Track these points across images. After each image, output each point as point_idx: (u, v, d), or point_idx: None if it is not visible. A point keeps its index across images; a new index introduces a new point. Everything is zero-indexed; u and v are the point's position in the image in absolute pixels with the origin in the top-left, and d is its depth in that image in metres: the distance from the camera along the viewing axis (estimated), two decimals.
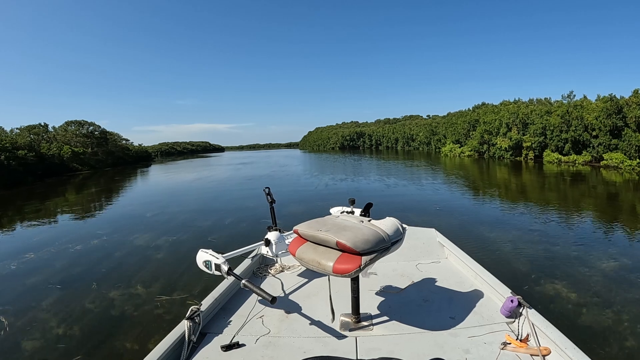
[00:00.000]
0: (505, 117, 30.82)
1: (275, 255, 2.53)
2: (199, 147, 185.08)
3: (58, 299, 5.04)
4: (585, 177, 17.78)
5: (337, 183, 17.72)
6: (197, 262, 2.07)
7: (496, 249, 6.32)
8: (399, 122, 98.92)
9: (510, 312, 1.81)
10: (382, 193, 13.76)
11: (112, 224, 10.21)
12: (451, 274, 2.47)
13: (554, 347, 1.53)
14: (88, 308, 4.67)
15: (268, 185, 2.91)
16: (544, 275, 5.01)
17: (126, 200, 16.50)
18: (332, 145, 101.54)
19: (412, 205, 10.98)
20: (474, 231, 7.57)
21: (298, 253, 1.77)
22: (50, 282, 5.65)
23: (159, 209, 12.09)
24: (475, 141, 34.82)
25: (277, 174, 24.48)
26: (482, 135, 33.34)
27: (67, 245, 7.81)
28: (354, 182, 18.36)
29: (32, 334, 4.07)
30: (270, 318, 1.98)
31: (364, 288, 2.12)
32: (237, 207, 11.75)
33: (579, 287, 4.62)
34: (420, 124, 71.55)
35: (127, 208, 13.57)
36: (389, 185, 16.24)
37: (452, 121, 47.29)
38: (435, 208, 10.35)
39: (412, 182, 17.11)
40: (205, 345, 1.72)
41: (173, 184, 22.99)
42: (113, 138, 56.84)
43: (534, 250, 6.22)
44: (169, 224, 9.57)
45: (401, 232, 1.80)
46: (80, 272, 6.09)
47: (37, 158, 35.56)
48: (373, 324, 1.87)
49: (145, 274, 5.82)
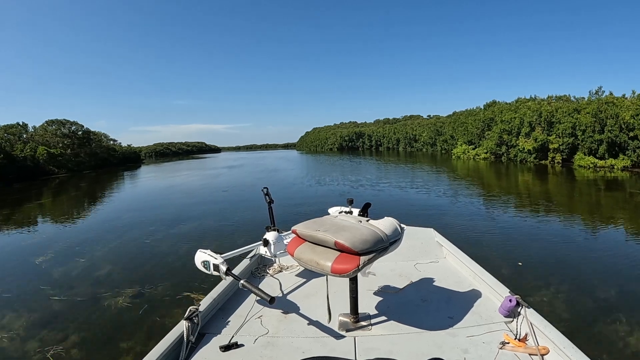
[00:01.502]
0: (528, 115, 27.14)
1: (274, 256, 2.51)
2: (194, 148, 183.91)
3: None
4: (626, 186, 14.99)
5: (340, 195, 14.33)
6: (195, 262, 2.06)
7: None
8: (399, 122, 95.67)
9: (509, 311, 1.80)
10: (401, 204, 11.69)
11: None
12: (450, 274, 2.46)
13: (553, 347, 1.52)
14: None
15: (255, 191, 2.46)
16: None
17: (46, 228, 11.03)
18: (330, 146, 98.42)
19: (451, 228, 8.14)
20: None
21: (296, 253, 1.75)
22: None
23: (61, 247, 8.05)
24: (491, 142, 31.19)
25: (262, 182, 18.60)
26: (500, 135, 29.77)
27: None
28: (361, 189, 15.84)
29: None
30: (268, 318, 1.97)
31: (362, 288, 2.07)
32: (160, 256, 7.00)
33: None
34: (422, 123, 68.36)
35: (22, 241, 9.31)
36: (409, 199, 12.84)
37: (460, 120, 44.10)
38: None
39: (444, 195, 13.38)
40: (203, 346, 1.71)
41: (133, 195, 19.41)
42: (98, 138, 53.29)
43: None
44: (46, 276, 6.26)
45: (399, 232, 1.79)
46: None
47: (6, 160, 32.12)
48: (372, 324, 1.86)
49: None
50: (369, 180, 19.63)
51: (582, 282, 5.02)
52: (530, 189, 15.04)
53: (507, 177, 20.38)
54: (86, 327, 4.17)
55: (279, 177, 23.96)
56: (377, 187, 16.23)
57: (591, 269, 5.48)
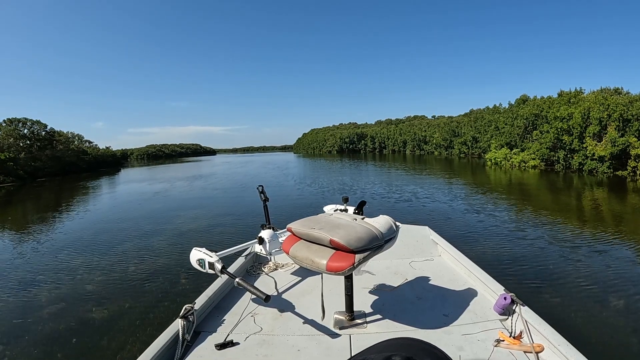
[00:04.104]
0: (596, 110, 19.97)
1: (269, 254, 2.52)
2: (188, 150, 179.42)
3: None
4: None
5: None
6: (190, 260, 2.05)
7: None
8: (402, 122, 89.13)
9: (504, 309, 1.80)
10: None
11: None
12: (444, 272, 2.46)
13: (547, 344, 1.52)
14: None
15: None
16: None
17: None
18: (329, 148, 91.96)
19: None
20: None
21: (292, 251, 1.74)
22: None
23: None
24: (544, 145, 23.27)
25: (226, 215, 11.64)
26: (558, 136, 22.12)
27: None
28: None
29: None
30: (264, 316, 1.95)
31: (357, 286, 2.07)
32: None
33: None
34: (432, 123, 61.85)
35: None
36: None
37: (484, 118, 37.51)
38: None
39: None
40: (199, 344, 1.70)
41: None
42: (65, 139, 46.48)
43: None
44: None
45: (394, 230, 1.79)
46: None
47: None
48: (367, 322, 1.86)
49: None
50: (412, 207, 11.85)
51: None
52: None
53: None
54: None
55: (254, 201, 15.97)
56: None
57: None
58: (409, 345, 0.65)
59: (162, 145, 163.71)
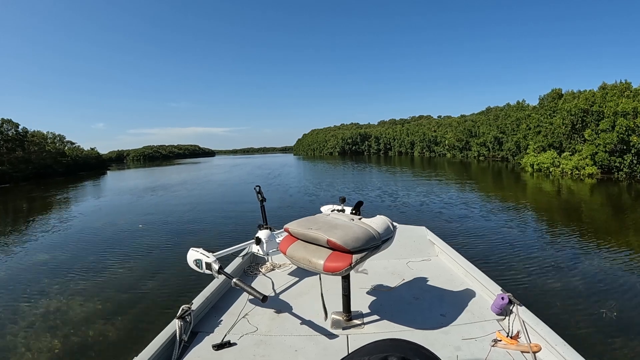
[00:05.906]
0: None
1: (266, 254, 2.49)
2: (186, 151, 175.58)
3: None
4: None
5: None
6: (187, 260, 2.05)
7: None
8: (407, 122, 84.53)
9: (501, 309, 1.79)
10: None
11: None
12: (442, 272, 2.44)
13: (544, 344, 1.51)
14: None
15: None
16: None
17: None
18: (330, 149, 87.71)
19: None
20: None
21: (289, 251, 1.73)
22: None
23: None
24: (600, 147, 18.06)
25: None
26: (623, 136, 17.03)
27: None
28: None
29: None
30: (261, 317, 1.94)
31: (354, 286, 2.06)
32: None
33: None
34: (443, 123, 57.30)
35: None
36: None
37: (512, 116, 32.94)
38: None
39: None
40: (196, 345, 1.69)
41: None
42: (38, 140, 42.09)
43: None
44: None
45: (392, 230, 1.78)
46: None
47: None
48: (364, 322, 1.84)
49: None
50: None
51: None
52: None
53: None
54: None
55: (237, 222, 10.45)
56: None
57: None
58: (395, 346, 0.65)
59: (160, 147, 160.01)
